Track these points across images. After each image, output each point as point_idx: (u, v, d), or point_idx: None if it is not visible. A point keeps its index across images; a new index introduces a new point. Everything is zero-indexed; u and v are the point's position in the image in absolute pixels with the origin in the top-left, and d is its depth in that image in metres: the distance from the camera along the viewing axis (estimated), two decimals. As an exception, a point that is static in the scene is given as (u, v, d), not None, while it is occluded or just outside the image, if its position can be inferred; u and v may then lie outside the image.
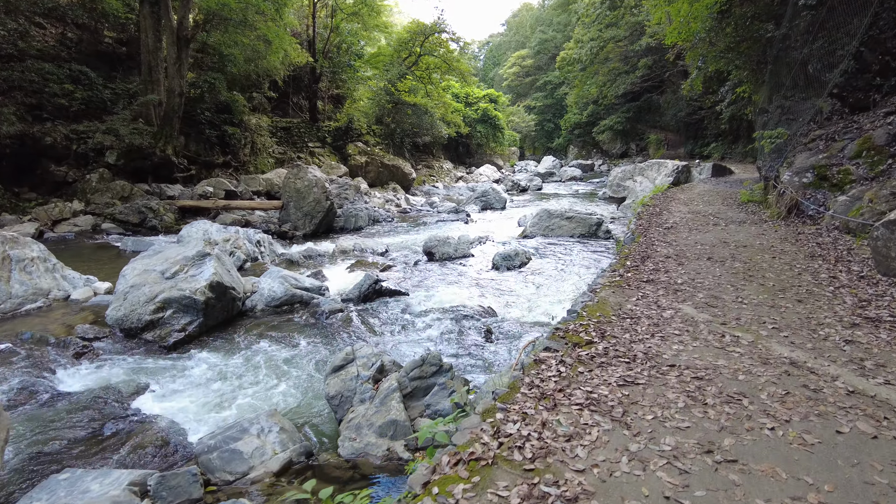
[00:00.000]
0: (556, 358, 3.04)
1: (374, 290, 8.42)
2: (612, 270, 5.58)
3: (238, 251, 9.88)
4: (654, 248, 6.77)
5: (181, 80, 15.85)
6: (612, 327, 3.78)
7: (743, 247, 6.78)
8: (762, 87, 11.79)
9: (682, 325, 3.86)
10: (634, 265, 5.77)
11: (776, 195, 8.40)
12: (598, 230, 13.83)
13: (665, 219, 9.23)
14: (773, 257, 6.12)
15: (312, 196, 14.99)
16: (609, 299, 4.52)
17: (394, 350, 6.26)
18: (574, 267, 10.68)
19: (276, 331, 6.87)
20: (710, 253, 6.56)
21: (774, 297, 4.63)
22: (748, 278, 5.28)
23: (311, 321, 7.22)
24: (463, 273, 10.47)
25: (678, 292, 4.84)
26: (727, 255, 6.45)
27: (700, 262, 6.09)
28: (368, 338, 6.69)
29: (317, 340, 6.54)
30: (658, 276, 5.42)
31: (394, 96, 26.50)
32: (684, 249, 6.75)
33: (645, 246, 6.92)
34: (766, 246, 6.76)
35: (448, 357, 6.02)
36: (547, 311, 7.93)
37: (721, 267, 5.85)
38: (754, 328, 3.82)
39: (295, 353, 6.15)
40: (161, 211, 14.44)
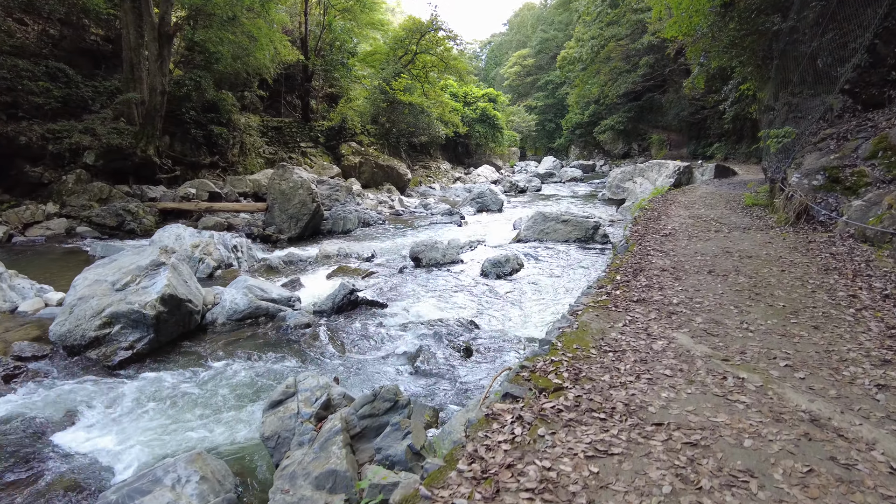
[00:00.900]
0: (512, 412, 2.42)
1: (349, 302, 7.82)
2: (598, 287, 4.95)
3: (208, 258, 9.29)
4: (649, 259, 6.13)
5: (163, 78, 15.29)
6: (589, 365, 3.15)
7: (748, 257, 6.14)
8: (768, 84, 11.15)
9: (676, 361, 3.24)
10: (625, 280, 5.15)
11: (783, 199, 7.77)
12: (595, 234, 13.21)
13: (663, 224, 8.58)
14: (781, 270, 5.48)
15: (298, 198, 14.40)
16: (591, 325, 3.89)
17: (360, 371, 5.65)
18: (567, 275, 10.06)
19: (234, 348, 6.27)
20: (712, 265, 5.97)
21: (785, 323, 4.02)
22: (754, 297, 4.67)
23: (274, 337, 6.62)
24: (449, 281, 9.86)
25: (673, 315, 4.21)
26: (730, 267, 5.85)
27: (700, 277, 5.49)
28: (333, 357, 6.09)
29: (277, 360, 5.94)
30: (651, 293, 4.82)
31: (389, 95, 25.89)
32: (682, 261, 6.15)
33: (639, 256, 6.28)
34: (774, 257, 6.14)
35: (418, 383, 5.42)
36: (535, 323, 7.32)
37: (723, 283, 5.24)
38: (763, 366, 3.18)
39: (250, 375, 5.55)
40: (140, 213, 13.87)
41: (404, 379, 5.51)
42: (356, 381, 5.35)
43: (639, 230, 8.18)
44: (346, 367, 5.77)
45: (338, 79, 25.92)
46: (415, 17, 27.97)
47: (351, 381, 5.36)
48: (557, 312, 7.21)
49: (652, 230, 8.04)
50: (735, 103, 23.79)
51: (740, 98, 21.90)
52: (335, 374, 5.55)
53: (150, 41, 14.82)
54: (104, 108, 15.72)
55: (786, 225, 7.43)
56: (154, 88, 15.20)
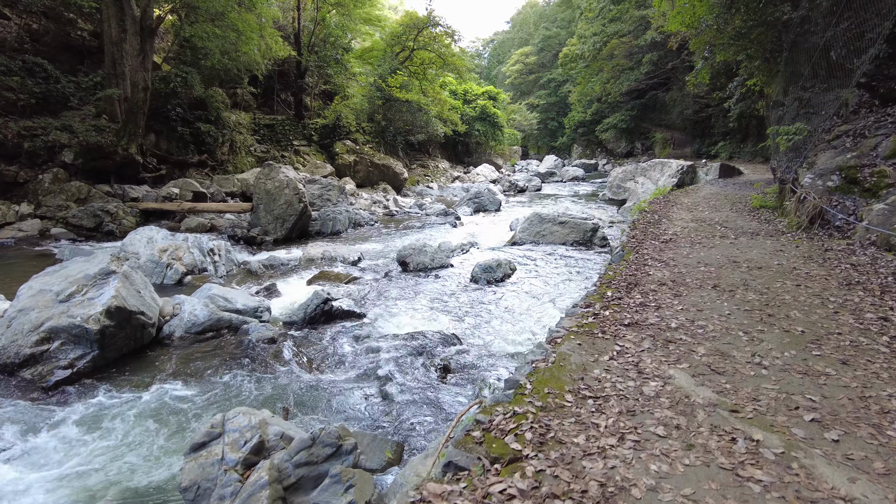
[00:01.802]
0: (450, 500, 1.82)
1: (322, 312, 7.23)
2: (584, 306, 4.32)
3: (176, 263, 8.71)
4: (646, 271, 5.49)
5: (146, 73, 14.73)
6: (561, 420, 2.50)
7: (757, 268, 5.50)
8: (776, 79, 10.50)
9: (671, 412, 2.59)
10: (616, 297, 4.52)
11: (795, 201, 7.13)
12: (594, 237, 12.60)
13: (664, 229, 7.93)
14: (797, 285, 4.84)
15: (284, 198, 13.82)
16: (571, 358, 3.23)
17: (321, 396, 5.05)
18: (562, 281, 9.45)
19: (188, 366, 5.68)
20: (717, 278, 5.34)
21: (806, 355, 3.37)
22: (767, 319, 4.05)
23: (234, 353, 6.03)
24: (436, 287, 9.27)
25: (670, 345, 3.55)
26: (738, 281, 5.21)
27: (703, 293, 4.84)
28: (295, 377, 5.49)
29: (232, 381, 5.35)
30: (646, 314, 4.16)
31: (385, 92, 25.26)
32: (684, 272, 5.56)
33: (635, 267, 5.63)
34: (787, 268, 5.52)
35: (386, 409, 4.83)
36: (522, 337, 6.72)
37: (730, 300, 4.60)
38: (782, 420, 2.51)
39: (199, 399, 4.96)
40: (120, 214, 13.32)
41: (371, 404, 4.91)
42: (313, 410, 4.76)
43: (637, 235, 7.53)
44: (306, 390, 5.17)
45: (330, 75, 25.29)
46: (412, 12, 27.35)
47: (306, 409, 4.76)
48: (545, 327, 6.62)
49: (651, 235, 7.38)
50: (741, 101, 23.09)
51: (746, 95, 21.20)
52: (292, 398, 4.97)
53: (131, 35, 14.26)
54: (86, 105, 15.20)
55: (798, 230, 6.80)
56: (136, 84, 14.64)
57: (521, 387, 2.72)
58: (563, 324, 3.85)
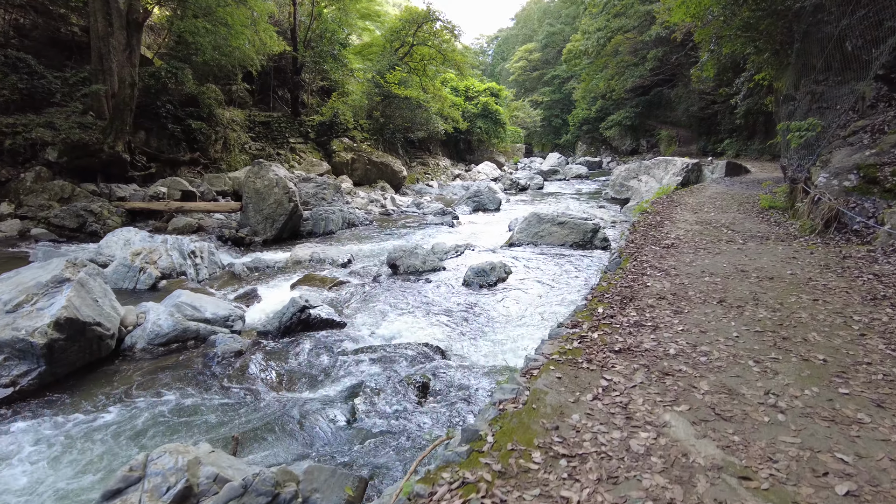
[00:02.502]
0: None
1: (298, 321, 6.76)
2: (571, 325, 3.79)
3: (150, 267, 8.26)
4: (644, 281, 4.97)
5: (132, 69, 14.29)
6: (521, 493, 1.96)
7: (769, 279, 4.96)
8: (786, 72, 9.93)
9: (664, 479, 2.02)
10: (608, 314, 4.00)
11: (809, 202, 6.59)
12: (594, 238, 12.08)
13: (666, 232, 7.38)
14: (814, 300, 4.30)
15: (273, 197, 13.37)
16: (546, 397, 2.68)
17: (282, 421, 4.58)
18: (560, 285, 8.95)
19: (145, 383, 5.23)
20: (723, 290, 4.80)
21: (832, 393, 2.81)
22: (782, 344, 3.50)
23: (197, 368, 5.57)
24: (425, 293, 8.79)
25: (667, 378, 2.99)
26: (747, 294, 4.66)
27: (707, 309, 4.29)
28: (258, 397, 5.02)
29: (188, 402, 4.88)
30: (641, 337, 3.63)
31: (383, 88, 24.75)
32: (686, 284, 5.05)
33: (632, 277, 5.10)
34: (802, 279, 4.99)
35: (353, 436, 4.35)
36: (512, 347, 6.23)
37: (738, 319, 4.04)
38: (808, 494, 1.93)
39: (145, 423, 4.50)
40: (104, 214, 12.90)
41: (337, 430, 4.44)
42: (271, 438, 4.28)
43: (636, 239, 6.98)
44: (268, 412, 4.70)
45: (326, 71, 24.80)
46: (412, 7, 26.82)
47: (263, 437, 4.28)
48: (536, 339, 6.12)
49: (652, 240, 6.83)
50: (748, 97, 22.46)
51: (753, 91, 20.58)
52: (250, 423, 4.50)
53: (117, 29, 13.82)
54: (73, 102, 14.79)
55: (812, 234, 6.26)
56: (123, 80, 14.21)
57: (480, 439, 2.22)
58: (544, 349, 3.34)
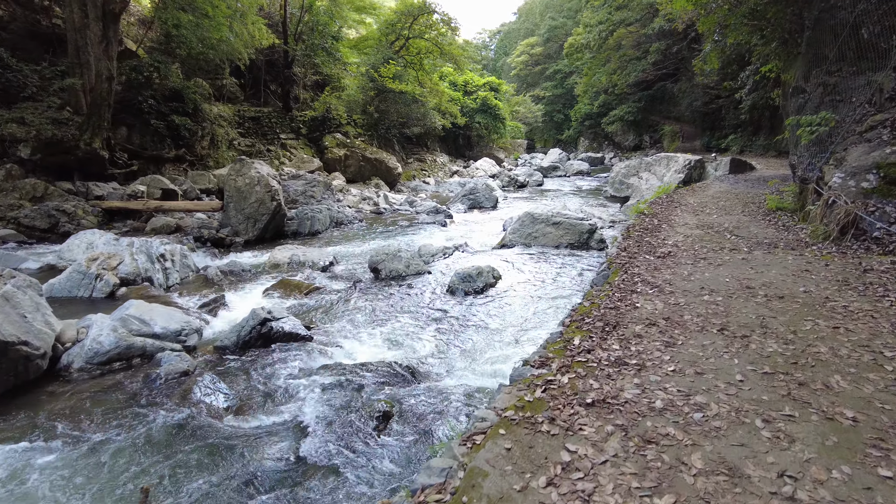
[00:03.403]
0: None
1: (259, 335, 6.18)
2: (539, 363, 3.10)
3: (108, 273, 7.68)
4: (633, 301, 4.31)
5: (109, 62, 13.71)
6: None
7: (778, 298, 4.28)
8: (795, 63, 9.26)
9: None
10: (585, 347, 3.36)
11: (822, 205, 5.95)
12: (591, 239, 11.46)
13: (662, 238, 6.71)
14: (834, 327, 3.61)
15: (255, 196, 12.79)
16: (485, 484, 1.99)
17: (216, 459, 3.99)
18: (550, 292, 8.34)
19: (70, 411, 4.65)
20: (725, 314, 4.10)
21: (870, 477, 2.09)
22: (798, 393, 2.79)
23: (135, 392, 4.99)
24: (406, 300, 8.20)
25: (649, 448, 2.29)
26: (753, 319, 3.95)
27: (705, 340, 3.60)
28: (198, 429, 4.43)
29: (114, 436, 4.30)
30: (621, 382, 2.94)
31: (377, 83, 24.09)
32: (682, 304, 4.39)
33: (619, 295, 4.43)
34: (818, 298, 4.34)
35: (295, 481, 3.76)
36: (492, 368, 5.63)
37: (743, 353, 3.33)
38: None
39: (54, 466, 3.92)
40: (78, 214, 12.36)
41: (278, 471, 3.85)
42: (196, 483, 3.69)
43: (629, 246, 6.32)
44: (202, 447, 4.12)
45: (317, 65, 24.14)
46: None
47: (187, 483, 3.69)
48: (517, 358, 5.53)
49: (646, 247, 6.17)
50: (753, 91, 21.74)
51: (759, 84, 19.86)
52: (178, 462, 3.91)
53: (93, 20, 13.23)
54: (50, 97, 14.23)
55: (826, 241, 5.62)
56: (100, 74, 13.63)
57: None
58: (498, 401, 2.67)
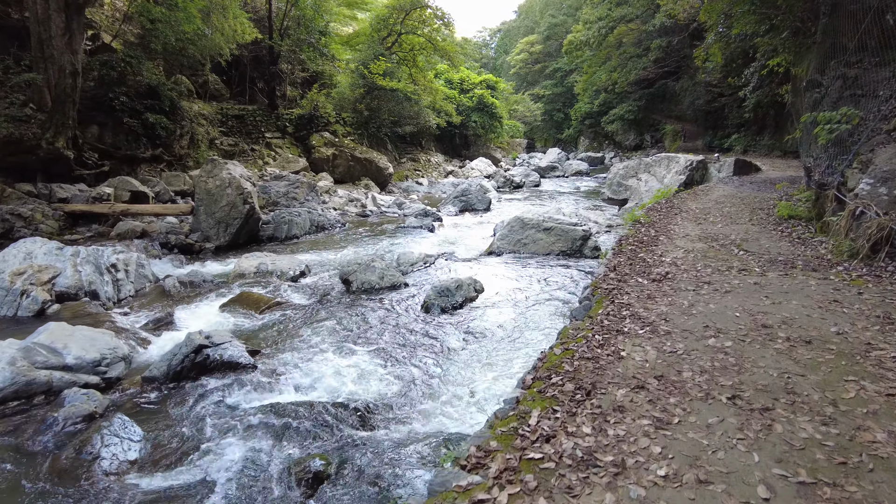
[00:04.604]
0: None
1: (193, 365, 5.35)
2: (472, 464, 2.09)
3: (35, 289, 6.85)
4: (618, 347, 3.39)
5: (73, 56, 12.88)
6: None
7: (805, 344, 3.35)
8: (808, 54, 8.40)
9: None
10: (545, 430, 2.41)
11: (847, 217, 5.09)
12: (584, 246, 10.64)
13: (659, 254, 5.79)
14: (888, 395, 2.67)
15: (226, 199, 11.97)
16: None
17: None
18: (536, 308, 7.51)
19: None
20: (736, 371, 3.10)
21: None
22: None
23: (23, 442, 4.16)
24: (374, 318, 7.36)
25: None
26: (775, 379, 2.96)
27: (711, 417, 2.64)
28: (87, 494, 3.60)
29: None
30: (586, 501, 2.04)
31: (367, 79, 23.23)
32: (680, 353, 3.43)
33: (601, 339, 3.50)
34: (857, 343, 3.35)
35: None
36: (459, 415, 4.79)
37: (765, 444, 2.37)
38: None
39: None
40: (37, 218, 11.53)
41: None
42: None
43: (620, 265, 5.39)
44: None
45: (303, 61, 23.29)
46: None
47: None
48: (491, 399, 4.72)
49: (640, 266, 5.24)
50: (758, 88, 20.84)
51: (764, 81, 18.96)
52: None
53: (54, 11, 12.41)
54: (14, 93, 13.40)
55: (853, 260, 4.76)
56: (63, 69, 12.79)
57: None
58: None
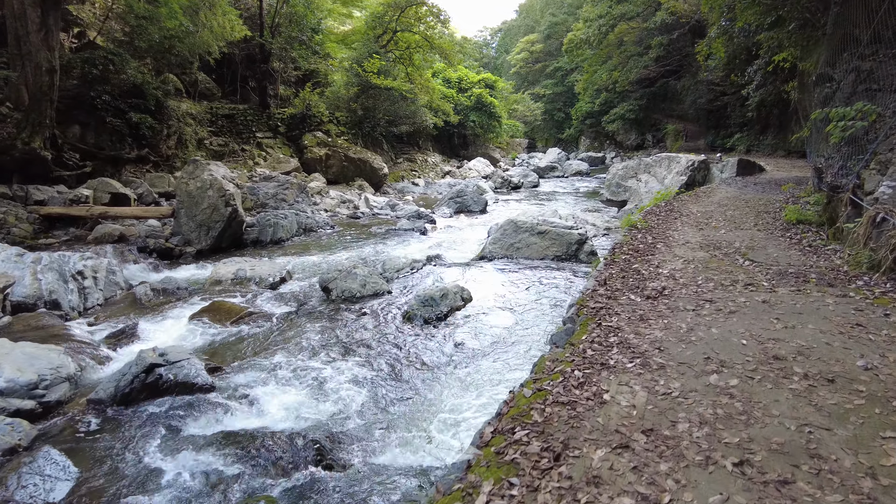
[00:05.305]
0: None
1: (143, 386, 4.85)
2: None
3: (-17, 301, 6.37)
4: (600, 388, 2.74)
5: (50, 53, 12.41)
6: None
7: (828, 384, 2.76)
8: (817, 47, 7.89)
9: None
10: None
11: (866, 224, 4.56)
12: (580, 251, 10.13)
13: (656, 265, 5.21)
14: None
15: (207, 201, 11.47)
16: None
17: None
18: (527, 319, 7.01)
19: None
20: (744, 420, 2.50)
21: None
22: None
23: (-69, 483, 3.66)
24: (351, 331, 6.86)
25: None
26: (793, 434, 2.35)
27: (713, 494, 1.99)
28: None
29: None
30: None
31: (361, 78, 22.74)
32: (675, 395, 2.80)
33: (581, 375, 2.90)
34: (889, 384, 2.73)
35: None
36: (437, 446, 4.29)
37: None
38: None
39: None
40: (9, 221, 11.07)
41: None
42: None
43: (611, 278, 4.79)
44: None
45: (296, 59, 22.81)
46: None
47: None
48: (470, 426, 4.22)
49: (633, 280, 4.64)
50: (761, 86, 20.31)
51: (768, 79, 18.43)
52: None
53: (29, 6, 11.94)
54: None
55: (875, 274, 4.23)
56: (40, 66, 12.33)
57: None
58: None
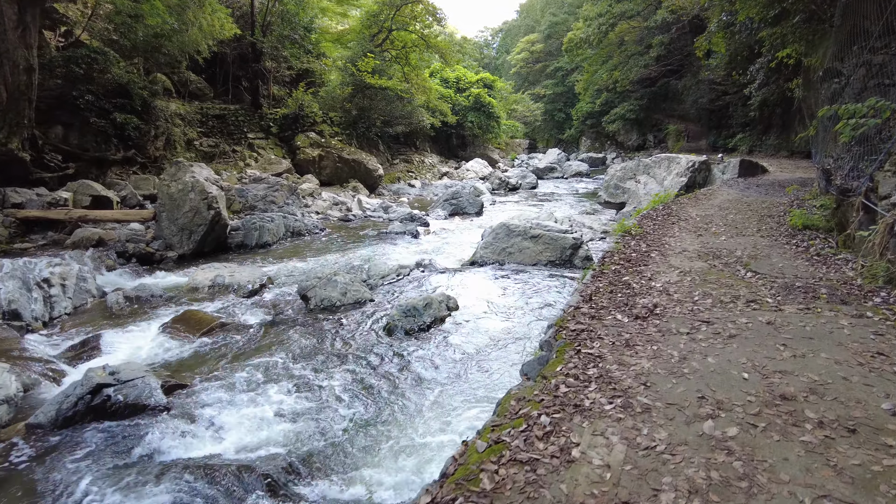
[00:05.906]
0: None
1: (87, 408, 4.44)
2: None
3: (-70, 312, 5.96)
4: (569, 441, 2.22)
5: (28, 51, 12.01)
6: None
7: (847, 434, 2.26)
8: (824, 41, 7.45)
9: None
10: None
11: (883, 231, 4.11)
12: (574, 256, 9.72)
13: (648, 279, 4.69)
14: None
15: (189, 204, 11.07)
16: None
17: None
18: (515, 332, 6.59)
19: None
20: (746, 492, 1.96)
21: None
22: None
23: None
24: (328, 343, 6.45)
25: None
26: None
27: None
28: None
29: None
30: None
31: (355, 77, 22.35)
32: (660, 450, 2.26)
33: (550, 422, 2.29)
34: None
35: None
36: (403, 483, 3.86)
37: None
38: None
39: None
40: (-16, 225, 10.68)
41: None
42: None
43: (598, 293, 4.26)
44: None
45: (287, 58, 22.42)
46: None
47: None
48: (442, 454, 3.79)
49: (622, 296, 4.10)
50: (763, 85, 19.84)
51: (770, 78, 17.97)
52: None
53: (6, 3, 11.54)
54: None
55: (893, 288, 3.79)
56: (17, 64, 11.93)
57: None
58: None
